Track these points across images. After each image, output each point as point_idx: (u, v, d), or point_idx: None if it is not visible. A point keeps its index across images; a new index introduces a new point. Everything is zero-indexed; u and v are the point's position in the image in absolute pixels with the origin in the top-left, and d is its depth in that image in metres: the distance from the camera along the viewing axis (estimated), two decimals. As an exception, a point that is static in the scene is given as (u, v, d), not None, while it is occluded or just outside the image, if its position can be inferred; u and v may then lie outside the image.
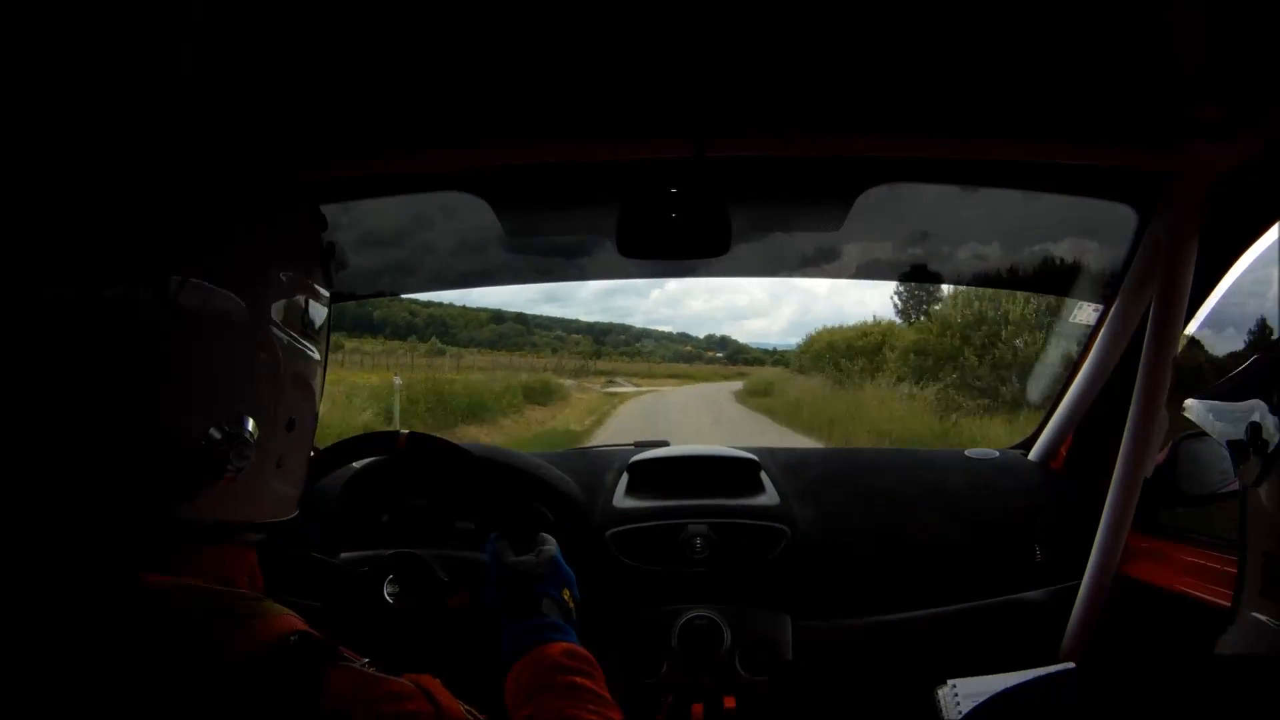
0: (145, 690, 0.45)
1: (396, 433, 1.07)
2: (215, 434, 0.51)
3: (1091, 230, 1.41)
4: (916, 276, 1.63)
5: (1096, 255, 1.39)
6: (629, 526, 1.34)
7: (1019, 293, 9.75)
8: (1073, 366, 1.47)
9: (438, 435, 1.09)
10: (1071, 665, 1.20)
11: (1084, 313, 1.47)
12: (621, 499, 1.40)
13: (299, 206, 0.62)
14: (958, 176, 1.29)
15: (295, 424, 0.58)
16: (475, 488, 1.30)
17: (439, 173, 1.21)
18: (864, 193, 1.26)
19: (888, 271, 1.75)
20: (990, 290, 10.23)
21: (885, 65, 0.92)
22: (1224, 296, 1.23)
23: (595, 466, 1.48)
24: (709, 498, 1.38)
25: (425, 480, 1.34)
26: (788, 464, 1.49)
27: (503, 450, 1.51)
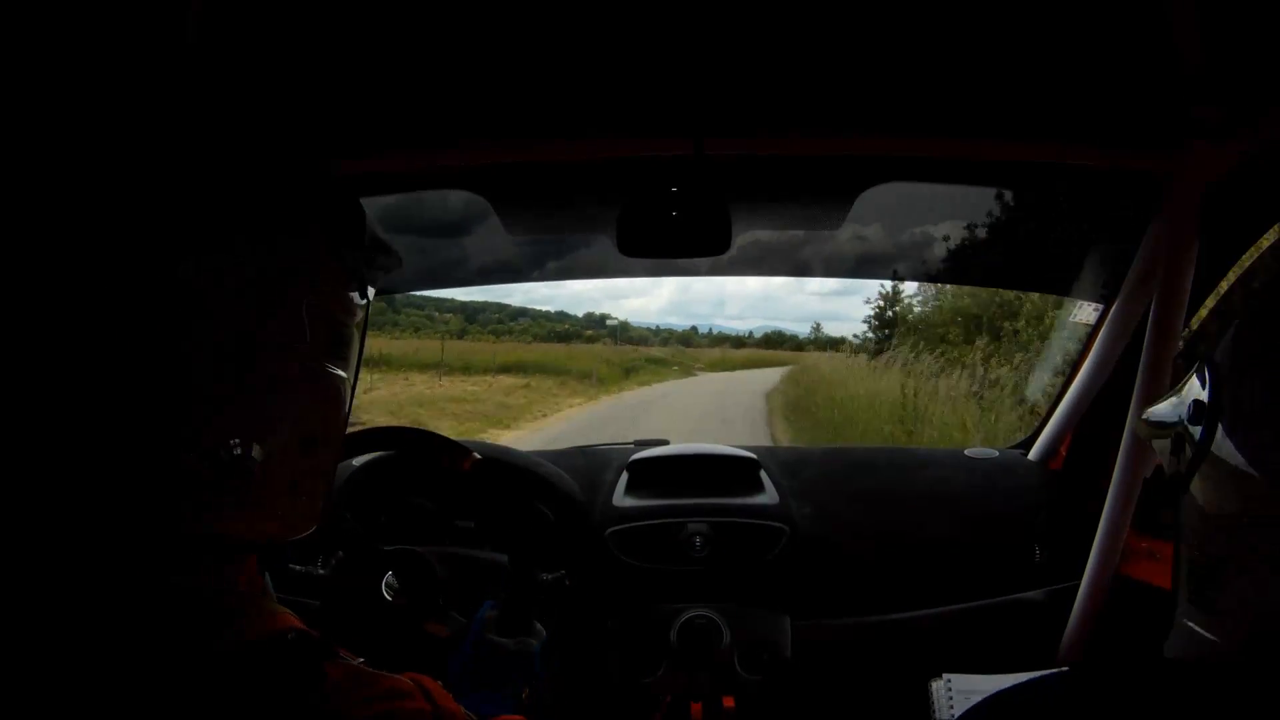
0: (141, 683, 0.45)
1: (467, 452, 1.02)
2: (218, 457, 0.49)
3: (1092, 230, 1.41)
4: (917, 275, 1.64)
5: (1097, 255, 1.40)
6: (629, 525, 1.34)
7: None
8: (1073, 366, 1.47)
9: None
10: (1067, 669, 1.20)
11: (1084, 312, 1.47)
12: (621, 498, 1.40)
13: (317, 210, 0.57)
14: (958, 176, 1.29)
15: (314, 444, 0.55)
16: (501, 508, 1.30)
17: (439, 172, 1.22)
18: (864, 192, 1.26)
19: (888, 270, 1.75)
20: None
21: (885, 65, 0.92)
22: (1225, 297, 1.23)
23: (595, 465, 1.48)
24: (708, 496, 1.38)
25: (427, 479, 1.34)
26: (787, 463, 1.49)
27: (500, 448, 1.51)
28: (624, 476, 1.44)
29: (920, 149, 1.11)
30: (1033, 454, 1.53)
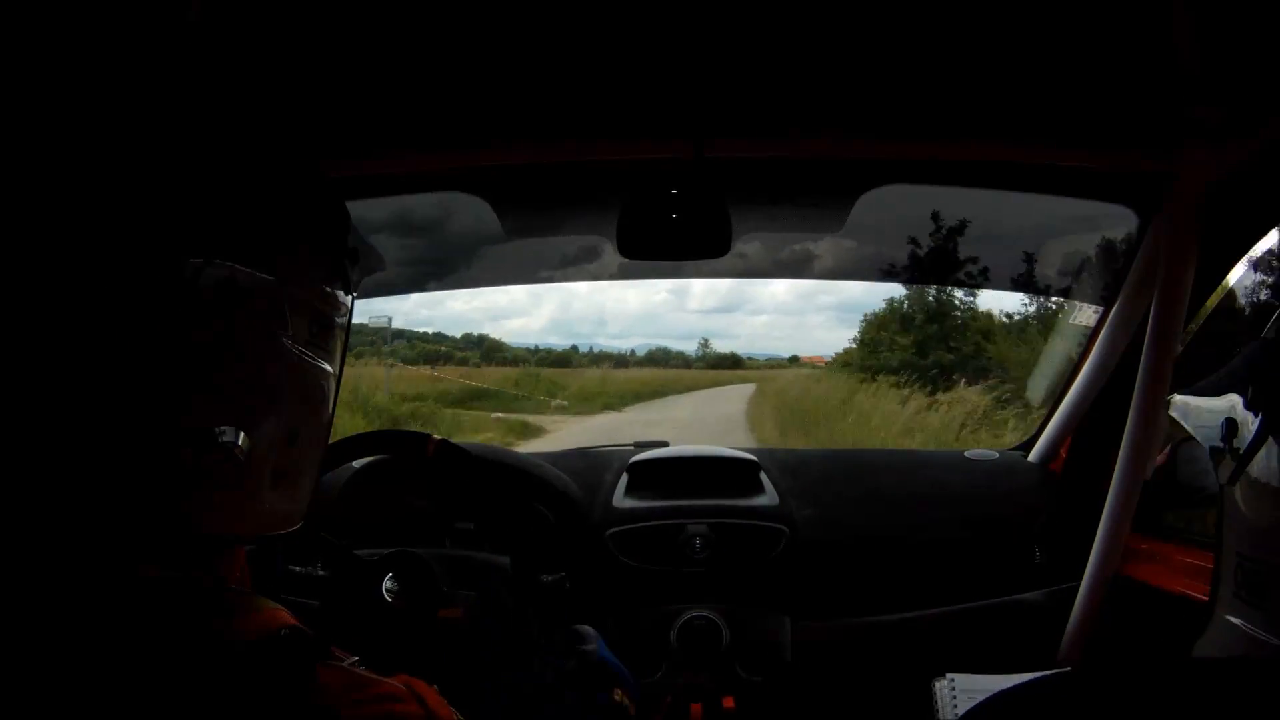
0: (135, 678, 0.45)
1: (426, 437, 1.04)
2: (212, 450, 0.49)
3: (1092, 232, 1.41)
4: (918, 277, 1.64)
5: (1097, 256, 1.40)
6: (629, 526, 1.34)
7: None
8: (1073, 368, 1.47)
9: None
10: (1069, 669, 1.20)
11: (1084, 314, 1.47)
12: (621, 499, 1.40)
13: (310, 208, 0.59)
14: (959, 179, 1.29)
15: (298, 438, 0.56)
16: (501, 509, 1.30)
17: (439, 173, 1.22)
18: (865, 194, 1.26)
19: (889, 273, 1.75)
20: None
21: (886, 67, 0.92)
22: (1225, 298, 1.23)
23: (595, 466, 1.48)
24: (709, 498, 1.38)
25: (426, 480, 1.34)
26: (787, 464, 1.49)
27: (501, 449, 1.52)
28: (624, 478, 1.44)
29: (921, 151, 1.11)
30: (1033, 455, 1.53)
